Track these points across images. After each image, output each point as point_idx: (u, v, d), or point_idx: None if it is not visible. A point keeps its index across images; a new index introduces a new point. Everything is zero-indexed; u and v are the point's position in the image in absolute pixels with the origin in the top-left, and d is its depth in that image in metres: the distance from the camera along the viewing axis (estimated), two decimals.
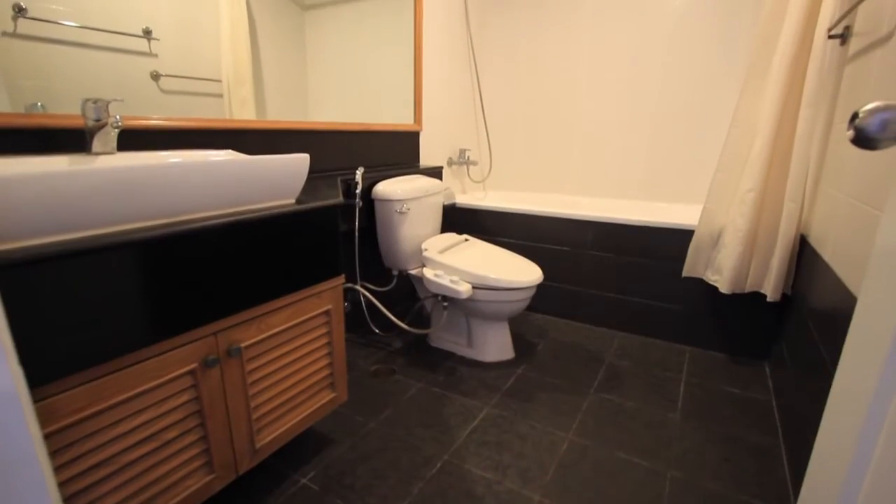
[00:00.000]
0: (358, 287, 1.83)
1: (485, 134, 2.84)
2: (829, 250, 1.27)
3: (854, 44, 1.36)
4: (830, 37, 1.40)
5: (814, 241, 1.47)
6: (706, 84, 2.26)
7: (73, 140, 1.05)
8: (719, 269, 1.76)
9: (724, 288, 1.73)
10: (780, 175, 1.58)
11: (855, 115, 0.46)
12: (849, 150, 1.19)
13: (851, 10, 1.26)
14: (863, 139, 0.45)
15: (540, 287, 1.73)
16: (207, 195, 0.92)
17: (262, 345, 1.06)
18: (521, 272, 1.72)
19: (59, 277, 0.69)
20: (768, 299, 1.66)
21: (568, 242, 2.19)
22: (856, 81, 1.27)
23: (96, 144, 1.03)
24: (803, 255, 1.58)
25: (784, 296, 1.66)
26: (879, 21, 1.14)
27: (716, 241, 1.78)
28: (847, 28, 1.43)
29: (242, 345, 1.00)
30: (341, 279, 1.26)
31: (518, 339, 2.01)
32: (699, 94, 2.29)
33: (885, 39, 1.06)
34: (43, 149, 1.02)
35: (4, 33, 0.99)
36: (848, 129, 0.47)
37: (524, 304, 1.76)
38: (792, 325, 1.56)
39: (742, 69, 1.69)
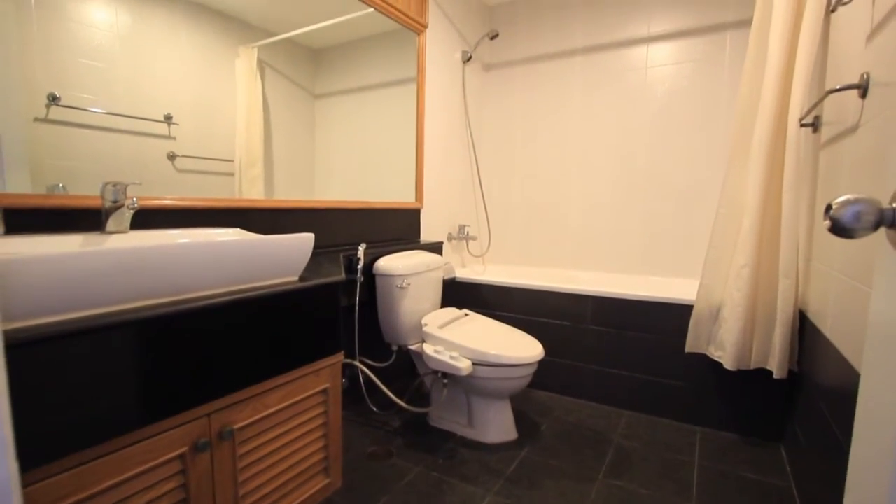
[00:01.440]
0: (356, 363, 1.80)
1: (483, 210, 2.94)
2: (828, 326, 1.27)
3: (825, 132, 1.46)
4: (802, 125, 1.51)
5: (813, 316, 1.47)
6: (692, 163, 2.39)
7: (89, 219, 1.09)
8: (722, 344, 1.74)
9: (728, 364, 1.70)
10: (772, 252, 1.62)
11: (829, 207, 0.49)
12: None
13: (819, 103, 1.37)
14: (839, 229, 0.48)
15: (541, 363, 1.70)
16: (213, 274, 0.95)
17: (256, 427, 1.02)
18: (522, 348, 1.70)
19: (55, 359, 0.69)
20: (775, 376, 1.62)
21: (568, 317, 2.19)
22: (831, 166, 1.35)
23: (111, 224, 1.08)
24: (805, 330, 1.57)
25: (791, 372, 1.63)
26: (845, 113, 1.23)
27: (715, 316, 1.78)
28: (817, 118, 1.54)
29: (235, 427, 0.97)
30: (340, 356, 1.24)
31: (521, 418, 1.93)
32: (686, 173, 2.41)
33: (851, 130, 1.14)
34: (59, 227, 1.06)
35: (37, 119, 1.08)
36: (824, 219, 0.50)
37: (526, 381, 1.72)
38: (802, 404, 1.52)
39: (725, 149, 1.80)
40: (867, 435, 0.53)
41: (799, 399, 1.58)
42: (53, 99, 1.10)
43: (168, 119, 1.33)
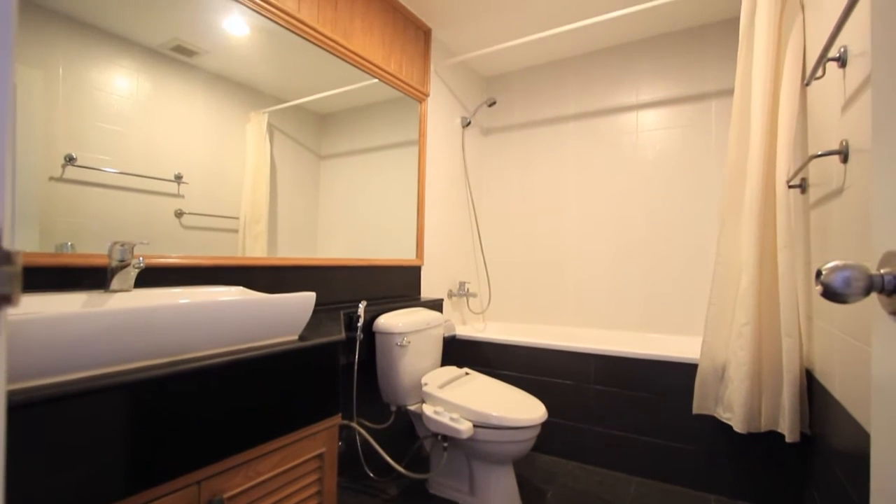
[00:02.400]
0: (354, 424, 1.74)
1: (483, 267, 2.97)
2: (836, 386, 1.24)
3: (813, 193, 1.51)
4: (790, 186, 1.57)
5: (819, 375, 1.45)
6: (686, 221, 2.45)
7: (95, 276, 1.11)
8: (730, 406, 1.69)
9: (738, 427, 1.65)
10: (772, 309, 1.62)
11: (819, 272, 0.50)
12: None
13: (803, 167, 1.43)
14: (831, 294, 0.49)
15: (544, 425, 1.65)
16: (213, 334, 0.94)
17: (247, 495, 0.98)
18: (525, 409, 1.66)
19: (39, 424, 0.68)
20: (787, 440, 1.56)
21: (571, 376, 2.15)
22: (822, 227, 1.39)
23: (115, 283, 1.09)
24: (813, 390, 1.54)
25: (804, 435, 1.58)
26: (829, 176, 1.28)
27: (720, 375, 1.75)
28: (804, 180, 1.61)
29: (226, 496, 0.93)
30: (338, 418, 1.21)
31: (524, 485, 1.84)
32: (681, 231, 2.46)
33: (837, 192, 1.19)
34: (65, 285, 1.07)
35: (52, 178, 1.11)
36: (816, 285, 0.51)
37: (529, 445, 1.65)
38: (818, 469, 1.45)
39: (717, 208, 1.85)
40: (884, 502, 0.51)
41: (814, 464, 1.51)
42: (70, 159, 1.14)
43: (178, 178, 1.38)
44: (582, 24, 2.10)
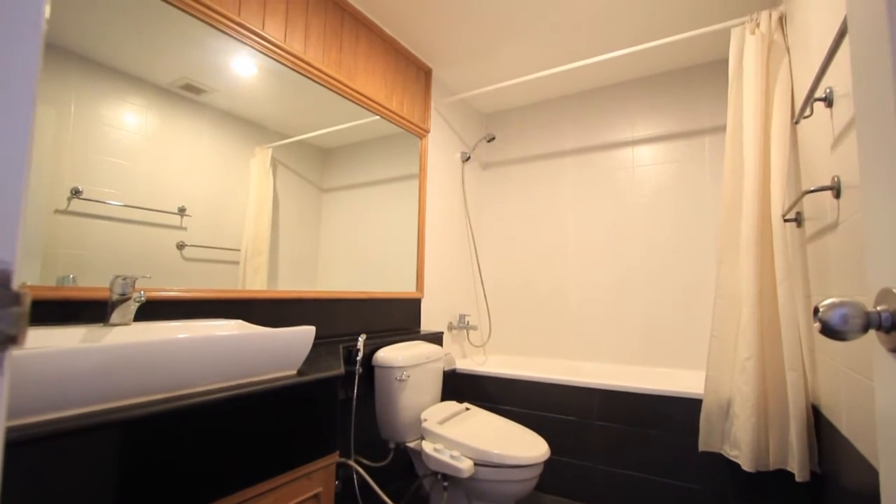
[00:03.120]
0: (351, 462, 1.69)
1: (483, 300, 2.96)
2: (843, 422, 1.22)
3: (809, 227, 1.53)
4: (786, 220, 1.59)
5: (826, 411, 1.42)
6: (685, 254, 2.46)
7: (95, 309, 1.10)
8: (736, 443, 1.65)
9: (746, 465, 1.60)
10: (775, 343, 1.61)
11: (816, 310, 0.51)
12: None
13: (798, 201, 1.45)
14: (829, 332, 0.50)
15: (547, 462, 1.60)
16: (211, 370, 0.94)
17: None
18: (527, 447, 1.62)
19: (33, 463, 0.66)
20: (797, 479, 1.52)
21: (573, 411, 2.10)
22: (819, 260, 1.40)
23: (115, 316, 1.09)
24: (821, 426, 1.51)
25: (814, 474, 1.53)
26: (823, 210, 1.30)
27: (726, 411, 1.72)
28: (799, 214, 1.63)
29: None
30: (335, 456, 1.18)
31: None
32: (680, 264, 2.47)
33: (832, 227, 1.20)
34: (66, 318, 1.07)
35: (57, 210, 1.13)
36: (814, 322, 0.51)
37: (532, 484, 1.60)
38: None
39: (715, 241, 1.86)
40: None
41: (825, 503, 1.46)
42: (76, 192, 1.16)
43: (181, 211, 1.39)
44: (577, 65, 2.18)
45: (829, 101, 1.14)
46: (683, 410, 1.85)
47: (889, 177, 0.48)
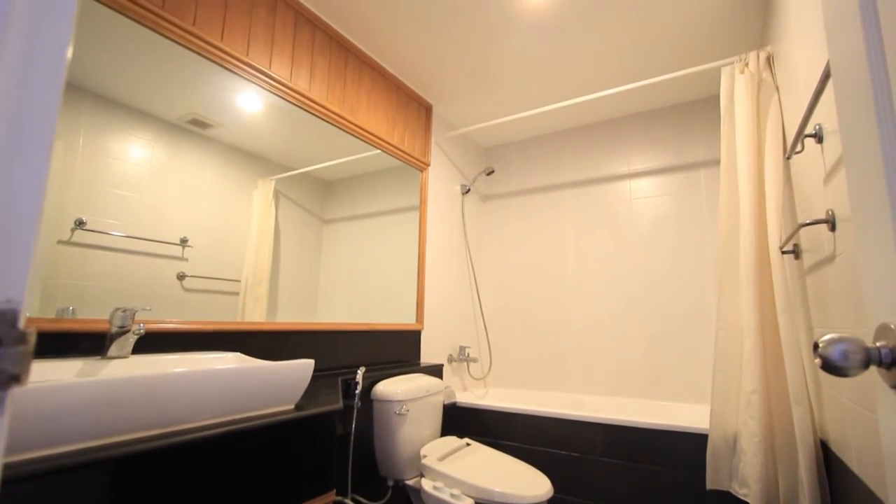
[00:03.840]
0: (348, 501, 1.64)
1: (484, 331, 2.94)
2: (853, 459, 1.19)
3: (806, 259, 1.54)
4: (784, 252, 1.60)
5: (835, 446, 1.39)
6: (685, 285, 2.46)
7: (94, 342, 1.10)
8: (745, 480, 1.61)
9: None
10: (779, 376, 1.59)
11: (816, 345, 0.51)
12: None
13: (794, 234, 1.47)
14: (830, 368, 0.49)
15: (550, 501, 1.55)
16: (207, 404, 0.92)
17: None
18: (529, 485, 1.57)
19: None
20: None
21: (577, 447, 2.05)
22: (819, 292, 1.40)
23: (113, 349, 1.08)
24: (831, 463, 1.47)
25: None
26: (820, 242, 1.31)
27: (732, 447, 1.68)
28: (796, 245, 1.64)
29: None
30: (331, 495, 1.14)
31: None
32: (680, 295, 2.46)
33: (829, 259, 1.21)
34: (63, 351, 1.06)
35: (60, 241, 1.14)
36: (815, 358, 0.51)
37: None
38: None
39: (714, 272, 1.86)
40: None
41: None
42: (80, 223, 1.17)
43: (183, 242, 1.40)
44: (574, 101, 2.25)
45: (818, 137, 1.17)
46: (689, 446, 1.81)
47: (879, 215, 0.49)
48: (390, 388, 1.79)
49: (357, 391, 1.70)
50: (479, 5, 1.85)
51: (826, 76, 0.95)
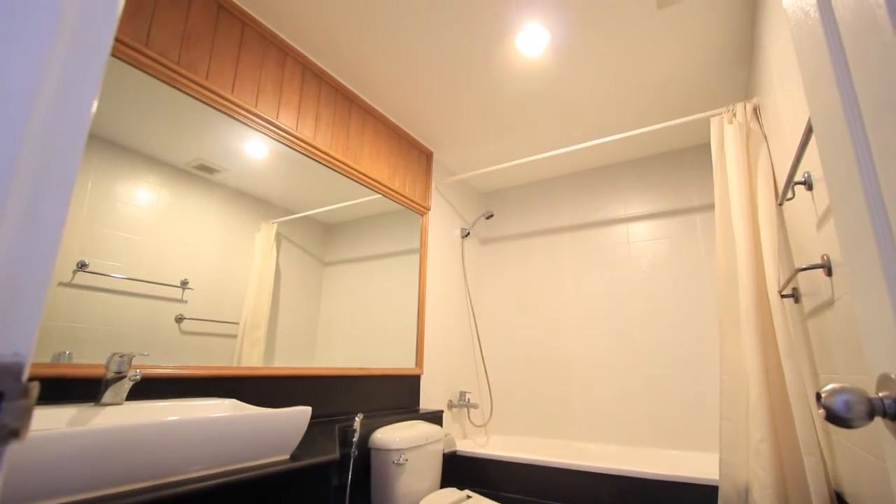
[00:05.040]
0: None
1: (484, 376, 2.88)
2: None
3: (806, 303, 1.54)
4: (783, 296, 1.60)
5: (850, 499, 1.33)
6: (685, 329, 2.44)
7: (89, 387, 1.08)
8: None
9: None
10: (787, 423, 1.55)
11: (819, 395, 0.51)
12: None
13: (792, 278, 1.48)
14: (835, 419, 0.49)
15: None
16: (201, 454, 0.90)
17: None
18: None
19: None
20: None
21: (581, 499, 1.96)
22: (821, 337, 1.39)
23: (108, 395, 1.07)
24: None
25: None
26: (818, 286, 1.32)
27: (744, 499, 1.60)
28: (795, 289, 1.64)
29: None
30: None
31: None
32: (681, 338, 2.44)
33: (829, 304, 1.21)
34: (57, 397, 1.04)
35: (61, 283, 1.14)
36: (818, 408, 0.51)
37: None
38: None
39: (714, 314, 1.85)
40: None
41: None
42: (82, 266, 1.17)
43: (184, 284, 1.41)
44: (571, 149, 2.32)
45: (808, 184, 1.21)
46: (700, 498, 1.73)
47: (870, 265, 0.50)
48: (389, 435, 1.74)
49: (354, 439, 1.65)
50: (477, 59, 1.95)
51: (810, 129, 0.99)
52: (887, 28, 0.44)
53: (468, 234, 2.98)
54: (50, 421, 0.94)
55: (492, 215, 2.90)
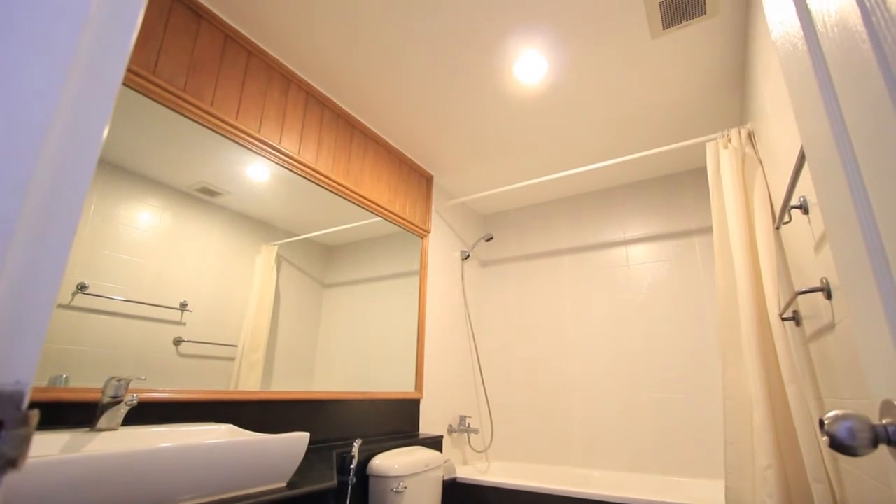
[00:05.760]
0: None
1: (485, 399, 2.85)
2: None
3: (807, 326, 1.53)
4: (784, 319, 1.59)
5: None
6: (687, 351, 2.42)
7: (84, 412, 1.07)
8: None
9: None
10: (793, 449, 1.52)
11: (822, 422, 0.50)
12: None
13: (791, 301, 1.47)
14: (839, 447, 0.48)
15: None
16: (196, 481, 0.88)
17: None
18: None
19: None
20: None
21: None
22: (823, 359, 1.38)
23: (103, 420, 1.05)
24: None
25: None
26: (818, 310, 1.31)
27: None
28: (795, 312, 1.64)
29: None
30: None
31: None
32: (683, 361, 2.41)
33: (830, 328, 1.21)
34: (52, 422, 1.03)
35: (60, 305, 1.13)
36: (822, 435, 0.50)
37: None
38: None
39: (715, 337, 1.84)
40: None
41: None
42: (82, 287, 1.17)
43: (183, 306, 1.40)
44: (570, 172, 2.35)
45: (804, 208, 1.22)
46: None
47: (867, 292, 0.50)
48: (387, 462, 1.70)
49: (352, 466, 1.61)
50: (477, 86, 2.00)
51: (803, 155, 1.00)
52: (872, 62, 0.46)
53: (468, 256, 2.99)
54: (43, 447, 0.93)
55: (491, 238, 2.91)
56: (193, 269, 1.45)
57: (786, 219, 1.36)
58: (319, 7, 1.60)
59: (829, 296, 1.16)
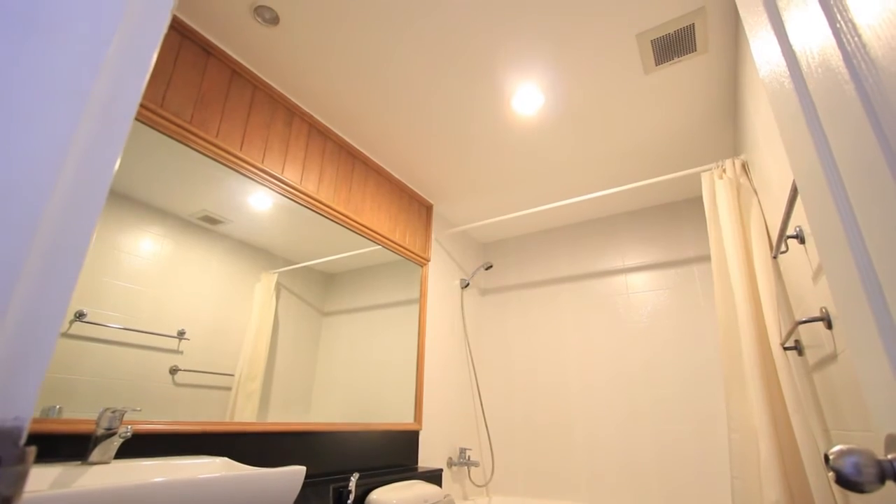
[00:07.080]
0: None
1: (485, 431, 2.79)
2: None
3: (810, 355, 1.52)
4: (786, 349, 1.58)
5: None
6: (689, 381, 2.38)
7: (77, 444, 1.05)
8: None
9: None
10: (802, 483, 1.48)
11: (827, 457, 0.49)
12: None
13: (792, 331, 1.47)
14: (845, 483, 0.47)
15: None
16: None
17: None
18: None
19: None
20: None
21: None
22: (827, 389, 1.36)
23: (95, 453, 1.03)
24: None
25: None
26: (820, 339, 1.30)
27: None
28: (797, 341, 1.63)
29: None
30: None
31: None
32: (685, 391, 2.37)
33: (832, 358, 1.20)
34: (43, 455, 1.01)
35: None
36: (827, 471, 0.50)
37: None
38: None
39: (717, 366, 1.82)
40: None
41: None
42: (80, 315, 1.17)
43: (181, 334, 1.39)
44: (569, 201, 2.38)
45: (800, 238, 1.23)
46: None
47: (865, 322, 0.50)
48: (385, 497, 1.65)
49: (349, 501, 1.57)
50: (476, 118, 2.05)
51: (796, 187, 1.02)
52: (855, 101, 0.48)
53: (468, 284, 2.98)
54: (33, 482, 0.91)
55: (491, 266, 2.92)
56: (192, 296, 1.45)
57: (783, 248, 1.37)
58: (325, 45, 1.66)
59: (829, 325, 1.16)
